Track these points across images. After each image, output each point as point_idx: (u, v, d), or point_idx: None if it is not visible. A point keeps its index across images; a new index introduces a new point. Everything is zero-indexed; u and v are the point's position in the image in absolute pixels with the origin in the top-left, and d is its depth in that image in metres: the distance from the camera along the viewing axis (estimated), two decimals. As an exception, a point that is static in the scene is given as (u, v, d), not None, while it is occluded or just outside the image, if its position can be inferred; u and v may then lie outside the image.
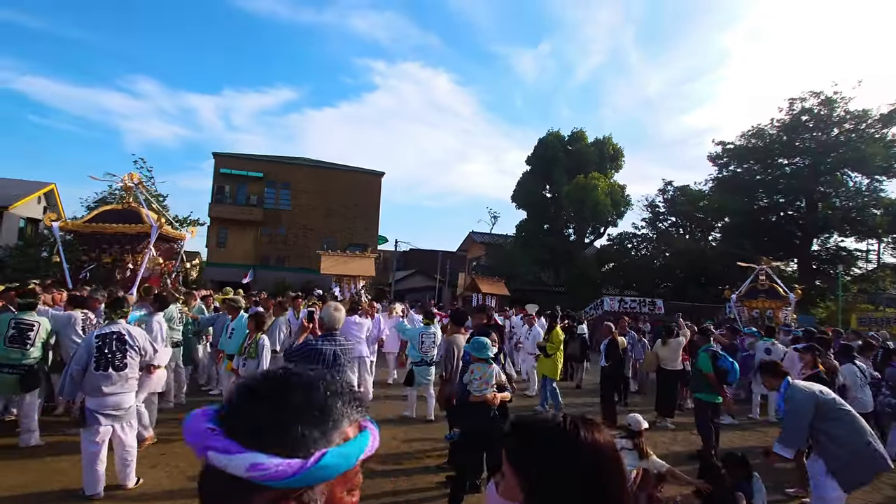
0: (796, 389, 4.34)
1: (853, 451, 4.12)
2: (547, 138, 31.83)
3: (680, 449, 7.50)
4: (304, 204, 34.40)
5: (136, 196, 8.85)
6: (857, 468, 4.11)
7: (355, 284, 10.80)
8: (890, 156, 30.85)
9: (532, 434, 0.96)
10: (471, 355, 4.96)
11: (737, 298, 17.98)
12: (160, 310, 5.58)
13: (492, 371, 4.80)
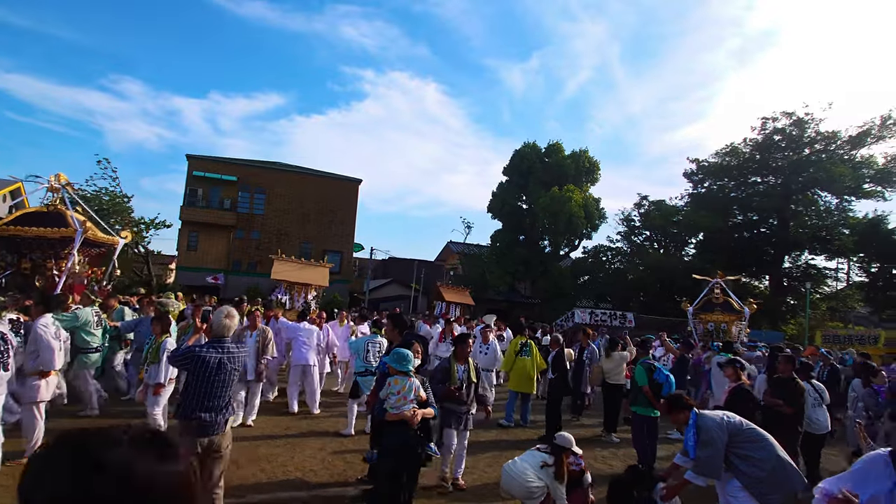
0: (706, 418, 4.23)
1: (769, 471, 4.01)
2: (523, 150, 31.92)
3: (619, 464, 7.34)
4: (279, 209, 33.99)
5: (64, 198, 8.44)
6: (773, 486, 4.00)
7: (306, 293, 10.44)
8: (858, 177, 31.51)
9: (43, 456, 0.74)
10: (388, 366, 4.54)
11: (693, 312, 17.98)
12: (44, 312, 5.16)
13: (411, 385, 4.33)
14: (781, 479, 4.03)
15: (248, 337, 7.26)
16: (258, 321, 7.53)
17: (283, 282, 10.79)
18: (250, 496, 4.95)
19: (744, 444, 4.09)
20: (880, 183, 31.77)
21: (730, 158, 35.77)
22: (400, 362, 4.37)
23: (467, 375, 5.71)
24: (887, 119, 30.82)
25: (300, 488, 5.31)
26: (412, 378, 4.40)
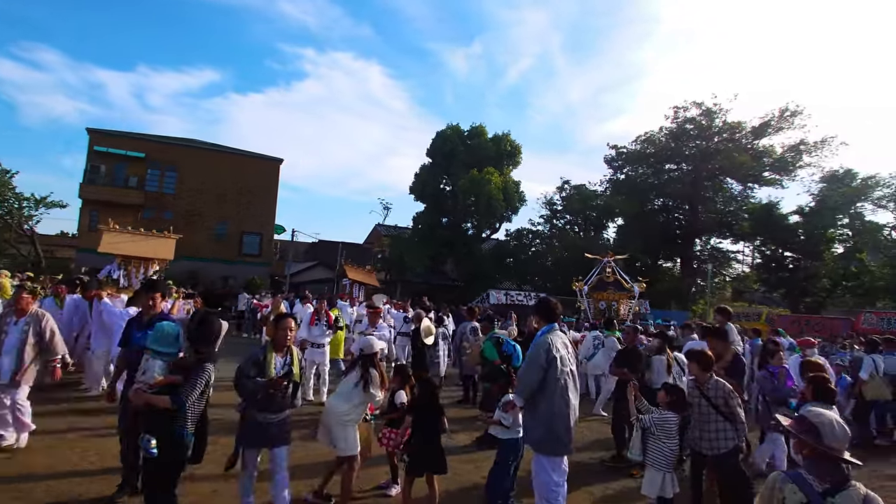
0: (542, 339, 4.16)
1: (542, 419, 4.02)
2: (446, 132, 31.88)
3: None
4: (192, 188, 32.35)
5: None
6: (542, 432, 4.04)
7: (146, 269, 9.56)
8: (759, 165, 33.63)
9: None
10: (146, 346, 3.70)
11: (587, 291, 18.63)
12: None
13: (153, 365, 3.53)
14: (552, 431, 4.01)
15: (10, 325, 5.29)
16: (28, 304, 5.40)
17: (117, 256, 9.46)
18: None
19: (544, 385, 4.03)
20: (778, 171, 34.03)
21: (647, 146, 37.17)
22: (162, 342, 3.63)
23: (289, 371, 4.09)
24: (785, 111, 32.94)
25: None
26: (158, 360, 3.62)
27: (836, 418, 2.28)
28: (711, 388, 4.58)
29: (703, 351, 4.99)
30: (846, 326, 17.15)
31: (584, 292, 19.09)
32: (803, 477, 2.19)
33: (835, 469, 2.17)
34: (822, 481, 2.15)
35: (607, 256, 20.20)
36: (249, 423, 3.92)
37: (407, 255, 29.51)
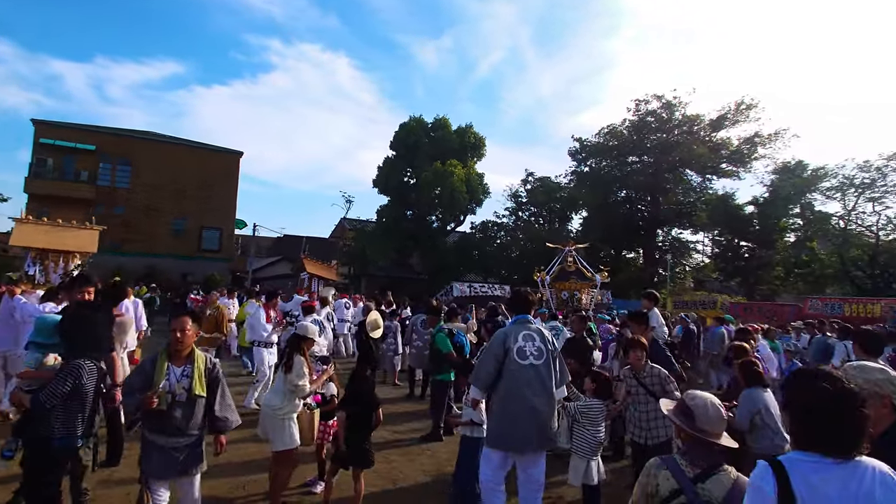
0: (501, 330, 4.15)
1: (498, 412, 3.90)
2: (409, 124, 31.62)
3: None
4: (148, 182, 31.29)
5: None
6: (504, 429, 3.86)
7: (66, 263, 8.95)
8: (716, 157, 34.48)
9: None
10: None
11: (549, 281, 18.66)
12: None
13: (30, 358, 3.44)
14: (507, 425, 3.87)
15: None
16: None
17: (31, 249, 8.71)
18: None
19: (499, 377, 3.91)
20: (735, 163, 34.95)
21: (610, 138, 37.66)
22: (43, 333, 3.41)
23: (189, 385, 3.26)
24: (741, 104, 33.78)
25: None
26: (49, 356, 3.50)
27: (711, 401, 2.26)
28: (647, 375, 4.61)
29: (636, 338, 4.97)
30: (793, 312, 17.72)
31: (546, 282, 19.12)
32: (676, 462, 2.17)
33: (708, 453, 2.15)
34: (694, 467, 2.12)
35: (568, 246, 20.27)
36: (148, 448, 3.23)
37: (370, 248, 29.24)
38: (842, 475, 1.59)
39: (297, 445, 4.28)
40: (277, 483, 4.22)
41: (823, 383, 1.69)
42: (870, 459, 1.63)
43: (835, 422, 1.63)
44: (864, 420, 1.63)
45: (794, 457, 1.68)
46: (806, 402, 1.71)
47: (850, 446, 1.61)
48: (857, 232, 25.13)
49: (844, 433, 1.63)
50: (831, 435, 1.63)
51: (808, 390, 1.72)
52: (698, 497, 2.03)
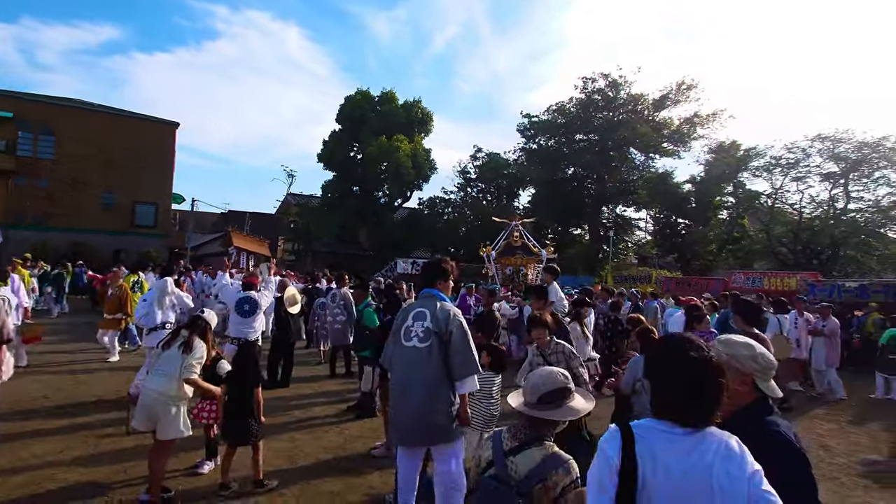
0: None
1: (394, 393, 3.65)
2: (355, 97, 30.85)
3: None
4: (74, 153, 29.33)
5: None
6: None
7: None
8: (658, 137, 35.44)
9: None
10: None
11: (495, 256, 18.73)
12: None
13: None
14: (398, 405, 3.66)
15: None
16: None
17: None
18: None
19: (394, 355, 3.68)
20: (676, 143, 36.06)
21: (558, 116, 37.99)
22: None
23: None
24: (682, 85, 34.71)
25: None
26: None
27: (541, 376, 2.27)
28: (552, 351, 4.50)
29: (539, 315, 4.81)
30: (718, 286, 18.62)
31: (492, 257, 19.13)
32: (500, 435, 2.18)
33: (529, 427, 2.15)
34: (514, 439, 2.13)
35: (515, 220, 20.33)
36: None
37: (314, 224, 28.64)
38: (688, 445, 1.56)
39: (189, 433, 4.15)
40: (159, 470, 4.04)
41: (682, 351, 1.65)
42: (720, 433, 1.60)
43: (689, 391, 1.59)
44: (720, 391, 1.59)
45: (647, 424, 1.65)
46: (664, 370, 1.68)
47: (702, 417, 1.58)
48: (783, 210, 26.51)
49: (697, 403, 1.59)
50: (684, 404, 1.59)
51: (667, 357, 1.70)
52: (505, 470, 2.04)
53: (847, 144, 23.28)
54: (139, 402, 4.08)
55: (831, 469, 5.75)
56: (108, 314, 8.63)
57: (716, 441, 1.56)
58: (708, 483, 1.50)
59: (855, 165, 22.89)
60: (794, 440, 1.81)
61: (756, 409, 1.93)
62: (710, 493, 1.49)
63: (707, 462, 1.52)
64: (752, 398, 1.95)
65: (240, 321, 6.37)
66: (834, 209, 24.56)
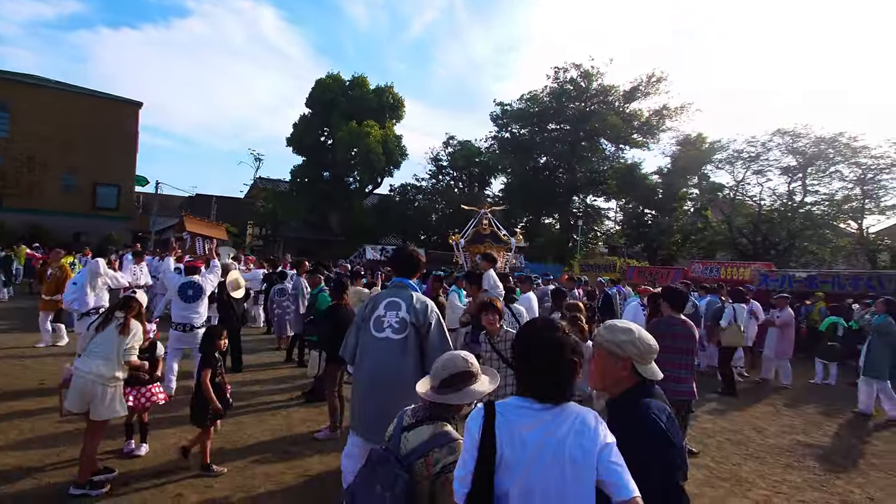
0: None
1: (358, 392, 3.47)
2: (325, 80, 30.36)
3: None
4: (30, 131, 28.23)
5: None
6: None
7: None
8: (629, 128, 35.92)
9: None
10: None
11: (464, 244, 18.73)
12: None
13: None
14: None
15: None
16: None
17: None
18: None
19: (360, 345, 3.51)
20: (645, 134, 36.61)
21: (531, 105, 38.10)
22: None
23: None
24: (652, 77, 35.17)
25: None
26: None
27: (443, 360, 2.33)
28: (501, 339, 4.44)
29: (489, 300, 4.75)
30: (678, 275, 19.12)
31: (461, 245, 19.14)
32: (404, 413, 2.27)
33: (430, 408, 2.24)
34: (413, 417, 2.22)
35: (484, 208, 20.38)
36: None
37: (281, 209, 28.26)
38: (545, 421, 1.67)
39: (124, 413, 4.16)
40: (91, 452, 4.02)
41: (541, 332, 1.78)
42: (578, 408, 1.72)
43: (545, 369, 1.71)
44: (572, 370, 1.71)
45: (510, 401, 1.76)
46: (523, 349, 1.80)
47: (556, 394, 1.69)
48: (744, 202, 27.26)
49: (552, 381, 1.71)
50: (541, 381, 1.71)
51: (527, 337, 1.81)
52: (397, 444, 2.13)
53: (805, 140, 24.01)
54: (72, 384, 4.04)
55: (758, 449, 6.06)
56: (46, 295, 8.44)
57: (571, 416, 1.68)
58: (562, 455, 1.62)
59: (812, 160, 23.64)
60: (659, 422, 1.91)
61: (636, 392, 2.04)
62: (563, 464, 1.61)
63: (561, 435, 1.64)
64: (633, 382, 2.05)
65: (183, 307, 6.28)
66: (792, 202, 25.36)
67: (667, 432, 1.91)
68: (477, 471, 1.67)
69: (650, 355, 2.09)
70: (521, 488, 1.64)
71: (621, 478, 1.58)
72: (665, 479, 1.82)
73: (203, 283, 6.41)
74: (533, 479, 1.64)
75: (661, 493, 1.75)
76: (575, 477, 1.61)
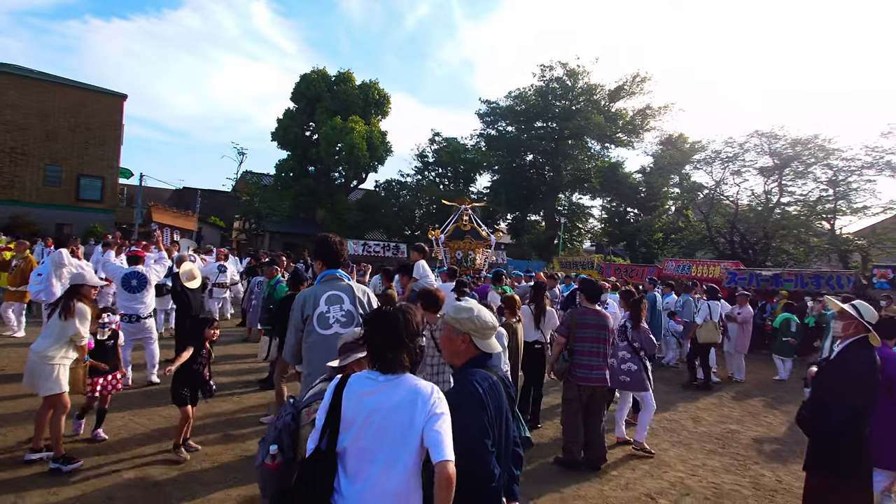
0: (299, 295, 3.73)
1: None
2: (311, 75, 30.43)
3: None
4: (11, 122, 28.04)
5: None
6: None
7: None
8: (613, 127, 36.29)
9: None
10: None
11: (444, 240, 18.87)
12: None
13: None
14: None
15: None
16: None
17: None
18: None
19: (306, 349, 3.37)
20: (629, 133, 37.01)
21: (518, 102, 38.33)
22: None
23: None
24: (636, 76, 35.55)
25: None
26: None
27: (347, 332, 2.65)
28: (437, 328, 4.33)
29: (428, 290, 4.69)
30: (653, 272, 19.48)
31: (441, 241, 19.30)
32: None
33: (332, 370, 2.51)
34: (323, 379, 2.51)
35: (464, 204, 20.55)
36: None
37: (264, 204, 28.36)
38: (385, 389, 1.95)
39: (65, 390, 4.33)
40: (52, 428, 4.22)
41: (383, 316, 2.09)
42: (417, 380, 2.00)
43: (385, 346, 2.01)
44: (404, 346, 2.01)
45: (362, 373, 2.06)
46: (370, 330, 2.09)
47: (395, 366, 1.98)
48: (721, 202, 27.67)
49: (392, 356, 2.00)
50: (382, 356, 2.01)
51: (373, 320, 2.12)
52: (303, 396, 2.52)
53: (782, 141, 24.41)
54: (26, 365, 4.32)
55: (689, 436, 6.37)
56: (10, 286, 8.57)
57: (408, 386, 1.97)
58: (396, 419, 1.91)
59: (788, 161, 24.04)
60: (478, 389, 2.15)
61: (470, 363, 2.31)
62: (394, 426, 1.91)
63: (395, 402, 1.93)
64: (472, 353, 2.31)
65: (128, 297, 6.31)
66: (769, 202, 25.79)
67: (482, 397, 2.16)
68: (324, 429, 1.96)
69: (487, 331, 2.35)
70: (357, 446, 1.93)
71: (439, 443, 1.85)
72: (477, 437, 2.08)
73: (148, 274, 6.53)
74: (367, 438, 1.93)
75: (471, 450, 2.03)
76: (403, 438, 1.90)
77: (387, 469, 1.90)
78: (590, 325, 5.07)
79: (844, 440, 3.34)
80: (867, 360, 3.28)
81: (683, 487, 4.79)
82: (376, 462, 1.92)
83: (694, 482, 4.93)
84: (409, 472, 1.92)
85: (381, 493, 1.91)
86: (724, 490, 4.80)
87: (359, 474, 1.93)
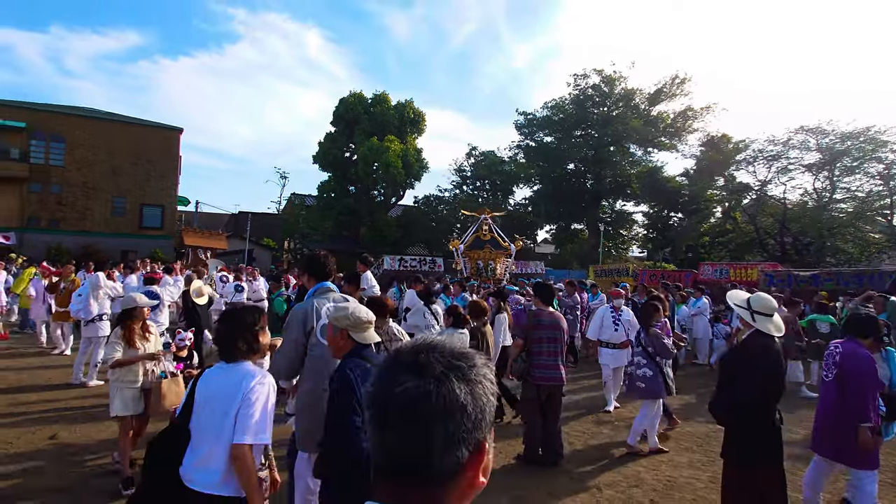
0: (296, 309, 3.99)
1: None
2: (348, 99, 31.79)
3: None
4: (83, 159, 30.93)
5: None
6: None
7: None
8: (655, 131, 35.40)
9: None
10: None
11: (463, 250, 19.11)
12: None
13: None
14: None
15: None
16: None
17: None
18: None
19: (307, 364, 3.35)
20: (671, 136, 35.98)
21: (555, 112, 38.20)
22: None
23: None
24: (675, 78, 34.68)
25: None
26: None
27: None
28: (384, 334, 4.63)
29: (375, 299, 5.05)
30: (689, 277, 18.93)
31: (461, 251, 19.51)
32: None
33: None
34: None
35: (484, 213, 20.72)
36: None
37: (307, 223, 29.69)
38: (226, 374, 2.41)
39: (125, 413, 4.38)
40: (118, 448, 4.44)
41: (227, 314, 2.61)
42: (250, 368, 2.42)
43: (224, 338, 2.47)
44: (236, 339, 2.42)
45: (219, 363, 2.49)
46: (217, 325, 2.63)
47: (231, 356, 2.43)
48: (769, 202, 26.46)
49: (229, 346, 2.44)
50: (223, 347, 2.46)
51: (220, 317, 2.64)
52: None
53: (831, 136, 23.20)
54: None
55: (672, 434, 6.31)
56: (59, 307, 9.58)
57: (242, 373, 2.39)
58: (228, 396, 2.33)
59: (838, 156, 22.80)
60: (349, 375, 2.50)
61: (348, 355, 2.65)
62: (221, 406, 2.32)
63: (231, 384, 2.35)
64: (350, 346, 2.65)
65: None
66: (821, 200, 24.46)
67: (352, 383, 2.49)
68: (182, 410, 2.50)
69: (362, 325, 2.68)
70: (195, 423, 2.39)
71: (244, 425, 2.26)
72: (347, 417, 2.44)
73: (161, 293, 7.19)
74: (202, 416, 2.37)
75: (342, 429, 2.43)
76: (223, 415, 2.30)
77: (213, 447, 2.30)
78: (545, 325, 5.23)
79: (749, 427, 3.39)
80: (763, 346, 3.33)
81: (636, 480, 4.84)
82: (206, 440, 2.32)
83: (650, 476, 4.96)
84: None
85: (206, 469, 2.30)
86: (678, 483, 4.81)
87: (194, 450, 2.36)
